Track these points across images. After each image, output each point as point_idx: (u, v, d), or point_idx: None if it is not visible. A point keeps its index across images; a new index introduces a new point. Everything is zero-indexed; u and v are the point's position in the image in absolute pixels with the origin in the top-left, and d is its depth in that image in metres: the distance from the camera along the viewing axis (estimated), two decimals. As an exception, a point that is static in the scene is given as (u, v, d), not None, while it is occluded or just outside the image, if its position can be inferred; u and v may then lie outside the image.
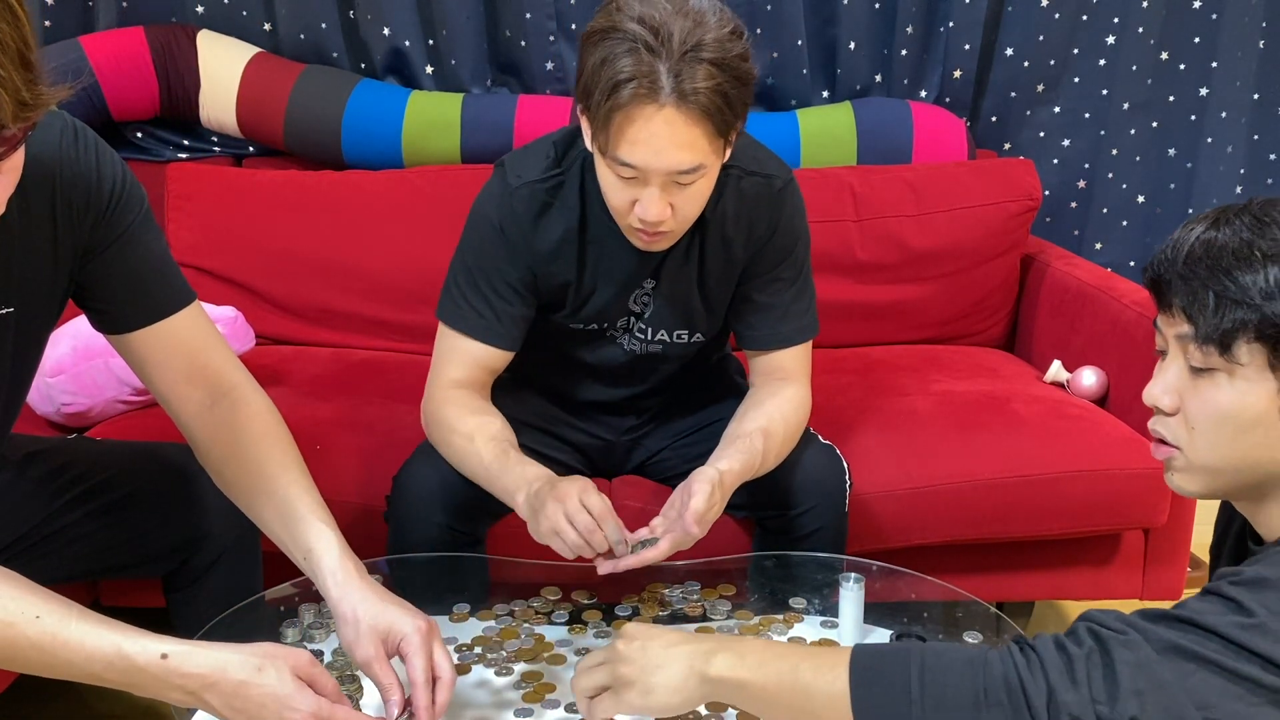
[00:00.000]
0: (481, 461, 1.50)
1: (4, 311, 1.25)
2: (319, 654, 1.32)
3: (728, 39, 1.35)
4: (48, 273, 1.26)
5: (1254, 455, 0.99)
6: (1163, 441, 1.04)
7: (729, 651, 1.05)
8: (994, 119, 2.73)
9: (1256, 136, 2.78)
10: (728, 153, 1.46)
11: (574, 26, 2.58)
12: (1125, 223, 2.82)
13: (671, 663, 1.05)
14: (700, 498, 1.38)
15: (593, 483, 1.40)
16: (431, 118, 2.49)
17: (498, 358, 1.62)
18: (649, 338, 1.68)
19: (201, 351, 1.36)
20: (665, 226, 1.44)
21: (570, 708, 1.27)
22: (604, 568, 1.38)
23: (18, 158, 1.02)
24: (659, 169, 1.38)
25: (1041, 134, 2.75)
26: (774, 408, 1.60)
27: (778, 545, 1.66)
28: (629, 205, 1.44)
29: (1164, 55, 2.71)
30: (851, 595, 1.42)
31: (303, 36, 2.56)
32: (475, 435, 1.52)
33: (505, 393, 1.75)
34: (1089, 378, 2.17)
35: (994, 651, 0.96)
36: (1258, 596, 0.91)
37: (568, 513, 1.35)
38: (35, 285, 1.26)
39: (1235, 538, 1.13)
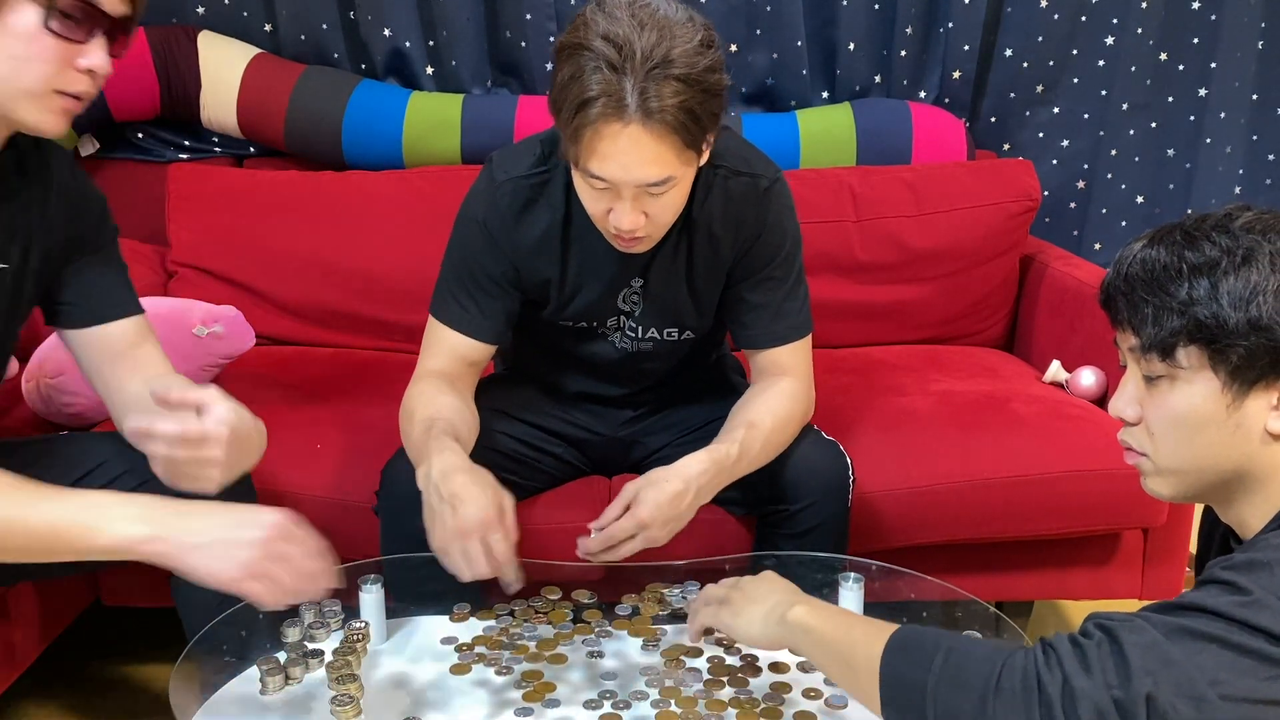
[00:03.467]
0: (411, 442, 1.50)
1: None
2: (319, 654, 1.33)
3: (695, 52, 1.34)
4: (41, 237, 1.37)
5: (1212, 454, 1.04)
6: (1131, 450, 1.11)
7: (809, 605, 1.19)
8: (993, 119, 2.74)
9: (1255, 137, 2.79)
10: (704, 157, 1.47)
11: (574, 27, 2.58)
12: (1124, 223, 2.82)
13: (764, 600, 1.22)
14: (644, 507, 1.42)
15: (500, 512, 1.33)
16: (432, 118, 2.50)
17: (479, 350, 1.64)
18: (640, 336, 1.69)
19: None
20: (641, 233, 1.46)
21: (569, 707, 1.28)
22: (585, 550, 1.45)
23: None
24: (628, 182, 1.39)
25: (1041, 134, 2.75)
26: (762, 401, 1.62)
27: (779, 541, 1.67)
28: (604, 213, 1.46)
29: (1163, 56, 2.71)
30: (851, 595, 1.43)
31: (303, 37, 2.57)
32: (415, 414, 1.52)
33: (503, 389, 1.76)
34: (1088, 378, 2.17)
35: (1020, 649, 0.99)
36: (1251, 577, 0.94)
37: (468, 552, 1.30)
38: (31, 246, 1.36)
39: (1219, 546, 1.15)
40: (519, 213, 1.60)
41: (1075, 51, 2.68)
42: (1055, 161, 2.76)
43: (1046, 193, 2.69)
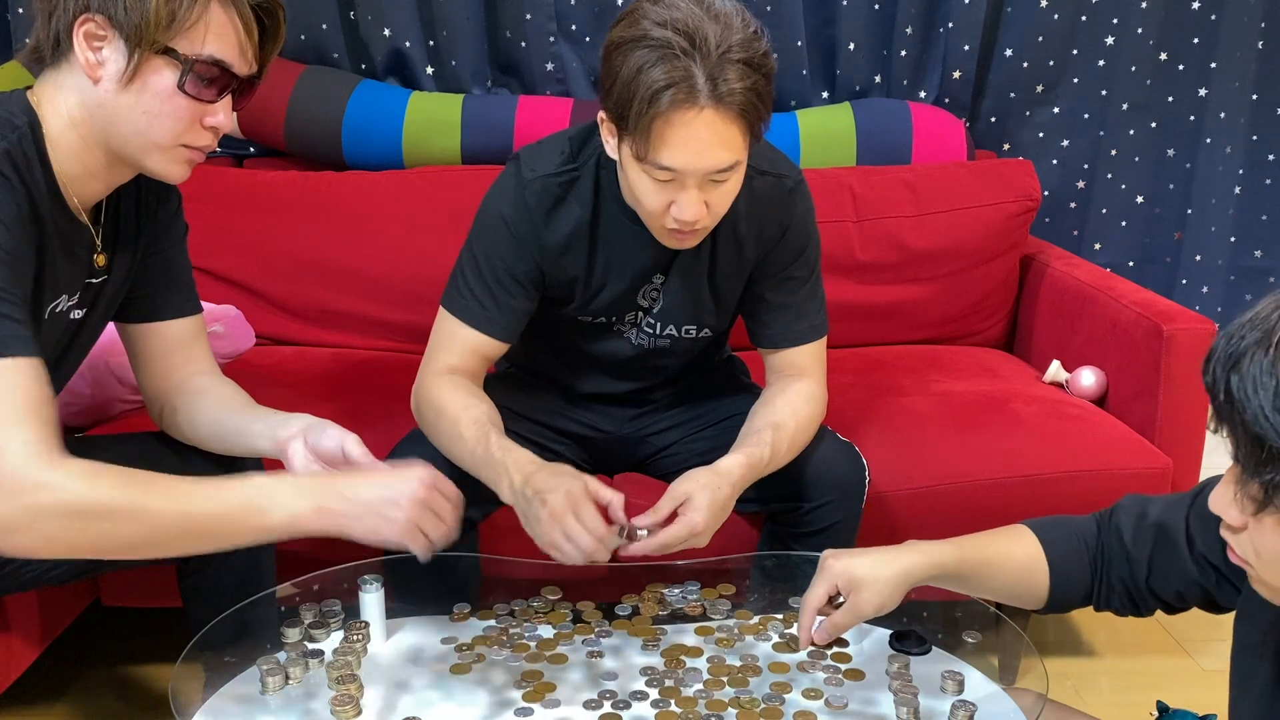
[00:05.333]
0: (465, 445, 1.51)
1: (101, 280, 1.40)
2: (319, 654, 1.33)
3: (753, 38, 1.38)
4: (130, 247, 1.45)
5: None
6: (1234, 551, 0.95)
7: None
8: (993, 119, 2.74)
9: (1255, 137, 2.79)
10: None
11: (574, 27, 2.59)
12: (1124, 223, 2.82)
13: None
14: (700, 513, 1.41)
15: (585, 488, 1.37)
16: (432, 118, 2.50)
17: (493, 348, 1.64)
18: (657, 332, 1.70)
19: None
20: (700, 224, 1.47)
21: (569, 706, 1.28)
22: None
23: None
24: (698, 170, 1.40)
25: (1041, 134, 2.75)
26: (784, 402, 1.62)
27: (790, 539, 1.67)
28: (665, 207, 1.45)
29: (1163, 56, 2.71)
30: (851, 595, 1.42)
31: (303, 37, 2.57)
32: (460, 418, 1.53)
33: (508, 384, 1.77)
34: (1088, 378, 2.17)
35: None
36: None
37: (567, 532, 1.34)
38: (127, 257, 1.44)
39: None
40: (548, 211, 1.60)
41: (1075, 51, 2.69)
42: (1055, 161, 2.76)
43: (1046, 193, 2.70)
